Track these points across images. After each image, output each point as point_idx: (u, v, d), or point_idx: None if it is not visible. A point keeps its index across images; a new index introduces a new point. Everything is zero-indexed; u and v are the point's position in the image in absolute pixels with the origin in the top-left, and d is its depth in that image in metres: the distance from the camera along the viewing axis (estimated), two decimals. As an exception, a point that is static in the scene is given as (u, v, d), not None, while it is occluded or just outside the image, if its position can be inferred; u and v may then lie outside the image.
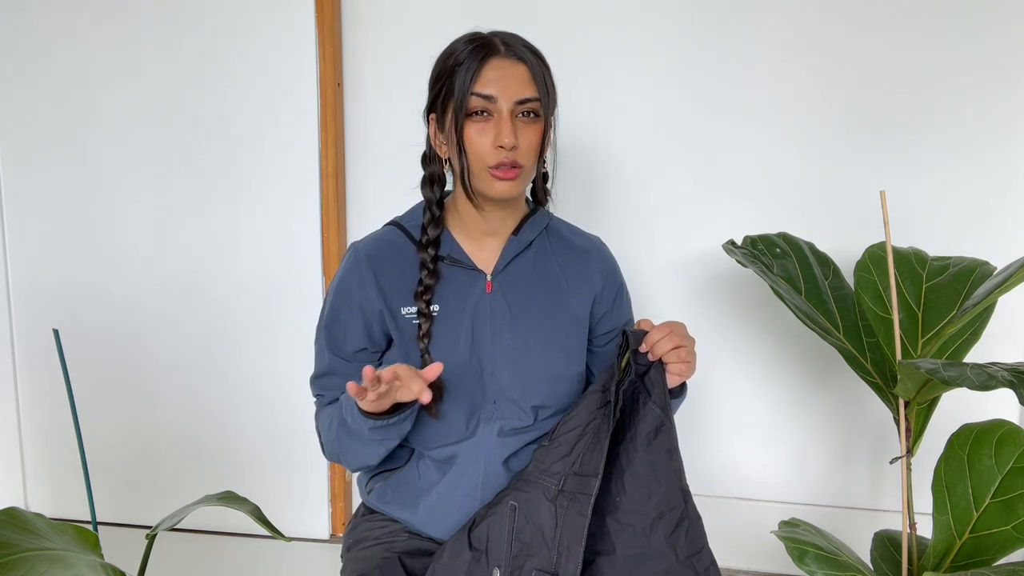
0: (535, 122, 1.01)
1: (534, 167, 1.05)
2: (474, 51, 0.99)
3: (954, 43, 1.61)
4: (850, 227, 1.65)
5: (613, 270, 1.19)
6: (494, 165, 0.99)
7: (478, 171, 1.01)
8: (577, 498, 0.98)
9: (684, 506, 0.99)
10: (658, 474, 0.99)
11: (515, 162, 1.00)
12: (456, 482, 1.08)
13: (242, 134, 1.81)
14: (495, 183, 1.01)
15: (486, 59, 0.99)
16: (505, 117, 0.98)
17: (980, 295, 1.20)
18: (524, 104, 1.00)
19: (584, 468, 0.99)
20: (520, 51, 1.01)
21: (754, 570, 1.81)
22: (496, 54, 0.99)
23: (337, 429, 1.05)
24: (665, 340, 0.99)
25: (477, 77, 0.98)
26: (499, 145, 0.98)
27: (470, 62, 0.99)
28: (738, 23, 1.66)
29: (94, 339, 1.93)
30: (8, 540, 0.84)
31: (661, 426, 1.00)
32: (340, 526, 1.95)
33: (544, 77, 1.02)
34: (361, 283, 1.08)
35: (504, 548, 1.01)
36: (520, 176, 1.01)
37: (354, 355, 1.10)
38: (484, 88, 0.98)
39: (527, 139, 1.00)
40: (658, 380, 1.01)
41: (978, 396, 1.65)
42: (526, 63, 1.00)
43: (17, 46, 1.85)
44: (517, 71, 1.00)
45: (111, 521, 1.98)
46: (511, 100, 0.99)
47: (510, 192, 1.02)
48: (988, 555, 1.13)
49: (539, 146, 1.03)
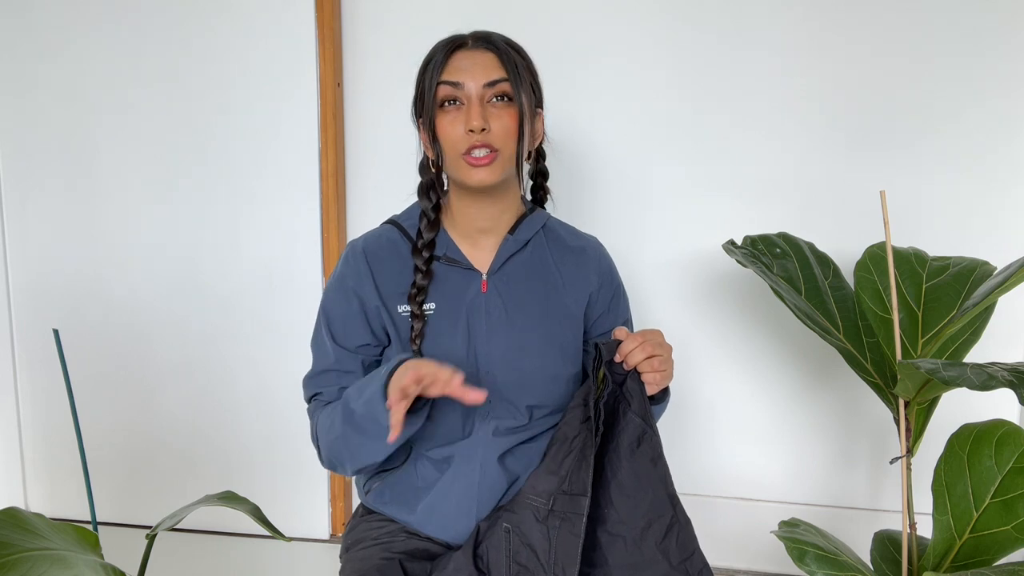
0: (508, 105, 1.02)
1: (513, 153, 1.03)
2: (443, 47, 1.03)
3: (954, 43, 1.61)
4: (850, 227, 1.65)
5: (609, 270, 1.19)
6: (466, 151, 1.00)
7: (453, 160, 1.02)
8: (568, 517, 0.98)
9: (673, 511, 0.99)
10: (643, 483, 0.99)
11: (489, 145, 1.00)
12: (453, 482, 1.08)
13: (242, 134, 1.81)
14: (471, 171, 1.01)
15: (453, 52, 1.02)
16: (474, 102, 1.00)
17: (980, 295, 1.20)
18: (494, 87, 1.00)
19: (573, 487, 0.99)
20: (489, 42, 1.03)
21: (754, 570, 1.81)
22: (463, 47, 1.03)
23: (342, 427, 1.03)
24: (638, 350, 0.99)
25: (444, 67, 1.01)
26: (469, 129, 0.99)
27: (439, 57, 1.02)
28: (738, 23, 1.66)
29: (94, 339, 1.93)
30: (8, 540, 0.84)
31: (643, 435, 0.99)
32: (340, 526, 1.95)
33: (516, 64, 1.02)
34: (359, 279, 1.08)
35: (503, 571, 1.01)
36: (496, 161, 1.01)
37: (358, 349, 1.10)
38: (451, 76, 1.01)
39: (500, 122, 1.00)
40: (636, 389, 1.00)
41: (978, 396, 1.65)
42: (494, 51, 1.02)
43: (17, 46, 1.85)
44: (484, 58, 1.02)
45: (111, 521, 1.98)
46: (479, 84, 1.00)
47: (488, 179, 1.01)
48: (988, 555, 1.13)
49: (515, 130, 1.02)
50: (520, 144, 1.04)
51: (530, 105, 1.03)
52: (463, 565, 1.01)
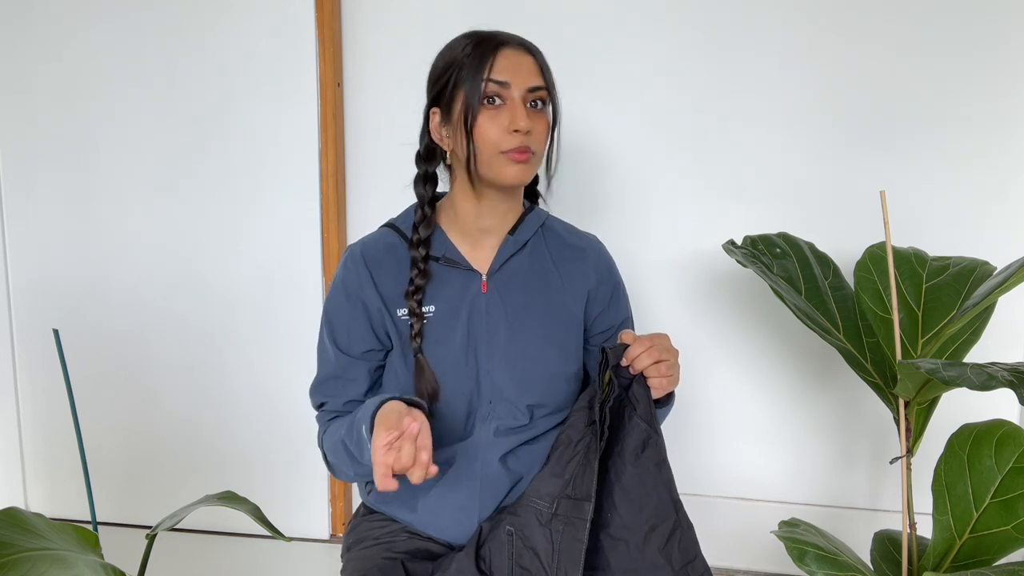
0: (543, 112, 1.05)
1: (543, 156, 1.07)
2: (484, 42, 1.03)
3: (955, 43, 1.61)
4: (850, 227, 1.65)
5: (609, 268, 1.19)
6: (510, 149, 1.01)
7: (490, 157, 1.02)
8: (572, 522, 0.98)
9: (676, 516, 0.99)
10: (648, 487, 0.99)
11: (528, 148, 1.02)
12: (454, 482, 1.08)
13: (242, 134, 1.81)
14: (509, 166, 1.02)
15: (499, 48, 1.02)
16: (518, 103, 1.01)
17: (980, 295, 1.20)
18: (534, 92, 1.02)
19: (577, 491, 0.99)
20: (527, 47, 1.05)
21: (754, 570, 1.81)
22: (506, 44, 1.03)
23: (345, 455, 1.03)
24: (645, 355, 0.99)
25: (492, 65, 1.01)
26: (515, 129, 1.00)
27: (483, 51, 1.02)
28: (739, 23, 1.66)
29: (94, 339, 1.93)
30: (8, 540, 0.84)
31: (648, 439, 0.99)
32: (340, 526, 1.95)
33: (547, 71, 1.06)
34: (360, 283, 1.08)
35: (505, 574, 1.01)
36: (531, 161, 1.03)
37: (363, 355, 1.10)
38: (499, 75, 1.01)
39: (538, 127, 1.03)
40: (642, 394, 1.00)
41: (978, 396, 1.65)
42: (533, 55, 1.05)
43: (17, 47, 1.85)
44: (527, 61, 1.03)
45: (111, 521, 1.98)
46: (523, 87, 1.01)
47: (522, 176, 1.03)
48: (988, 555, 1.13)
49: (547, 136, 1.06)
50: (550, 149, 1.08)
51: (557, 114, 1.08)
52: (465, 567, 1.01)
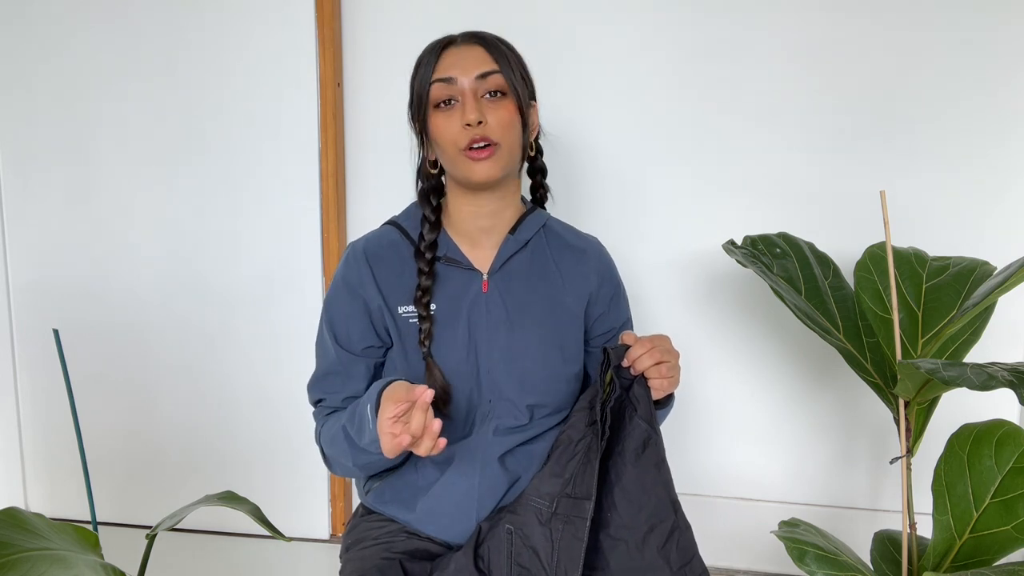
0: (502, 100, 1.02)
1: (512, 146, 1.04)
2: (432, 48, 1.04)
3: (955, 43, 1.60)
4: (850, 227, 1.65)
5: (609, 269, 1.19)
6: (465, 146, 1.00)
7: (454, 156, 1.02)
8: (572, 521, 0.98)
9: (674, 517, 0.99)
10: (647, 488, 0.99)
11: (486, 139, 1.00)
12: (453, 481, 1.08)
13: (242, 134, 1.81)
14: (472, 165, 1.01)
15: (446, 47, 1.03)
16: (468, 96, 1.00)
17: (980, 295, 1.20)
18: (486, 79, 1.01)
19: (577, 490, 0.99)
20: (477, 37, 1.03)
21: (754, 570, 1.81)
22: (452, 44, 1.04)
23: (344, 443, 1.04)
24: (646, 356, 0.99)
25: (436, 66, 1.02)
26: (466, 123, 0.99)
27: (429, 57, 1.03)
28: (739, 24, 1.66)
29: (94, 339, 1.93)
30: (8, 540, 0.84)
31: (648, 440, 1.00)
32: (340, 526, 1.95)
33: (507, 55, 1.03)
34: (361, 279, 1.08)
35: (504, 573, 1.01)
36: (497, 154, 1.01)
37: (363, 351, 1.10)
38: (443, 72, 1.01)
39: (496, 116, 1.01)
40: (643, 394, 1.01)
41: (978, 396, 1.65)
42: (483, 44, 1.03)
43: (17, 46, 1.85)
44: (473, 52, 1.02)
45: (111, 521, 1.98)
46: (470, 77, 1.00)
47: (491, 172, 1.01)
48: (988, 555, 1.13)
49: (512, 123, 1.02)
50: (524, 134, 1.05)
51: (524, 95, 1.04)
52: (464, 566, 1.01)
